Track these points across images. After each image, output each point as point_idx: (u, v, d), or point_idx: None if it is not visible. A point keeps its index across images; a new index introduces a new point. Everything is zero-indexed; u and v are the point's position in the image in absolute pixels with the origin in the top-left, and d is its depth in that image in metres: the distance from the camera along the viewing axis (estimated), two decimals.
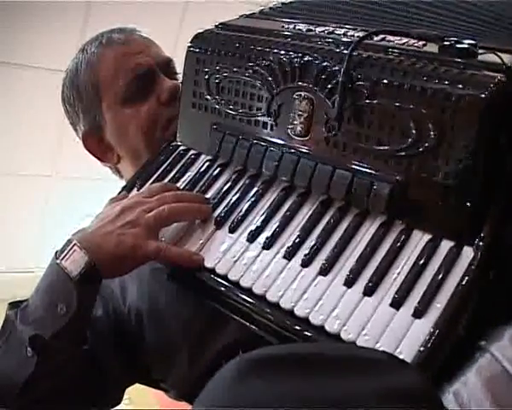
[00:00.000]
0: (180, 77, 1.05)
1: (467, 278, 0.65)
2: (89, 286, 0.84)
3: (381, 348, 0.63)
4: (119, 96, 1.09)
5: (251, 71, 0.86)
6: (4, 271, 3.62)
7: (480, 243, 0.66)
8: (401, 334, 0.63)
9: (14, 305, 0.90)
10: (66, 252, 0.83)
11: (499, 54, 0.70)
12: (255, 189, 0.86)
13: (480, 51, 0.72)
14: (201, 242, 0.84)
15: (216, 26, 0.96)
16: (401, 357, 0.61)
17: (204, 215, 0.87)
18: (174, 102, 1.05)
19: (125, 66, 1.08)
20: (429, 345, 0.61)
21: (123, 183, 1.06)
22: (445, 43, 0.73)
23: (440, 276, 0.66)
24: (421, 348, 0.61)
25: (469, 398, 0.59)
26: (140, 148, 1.09)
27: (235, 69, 0.88)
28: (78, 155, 1.18)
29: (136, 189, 0.97)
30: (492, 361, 0.60)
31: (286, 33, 0.88)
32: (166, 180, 0.96)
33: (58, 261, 0.83)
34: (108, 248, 0.83)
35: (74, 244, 0.83)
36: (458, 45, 0.72)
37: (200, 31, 0.95)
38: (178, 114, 1.00)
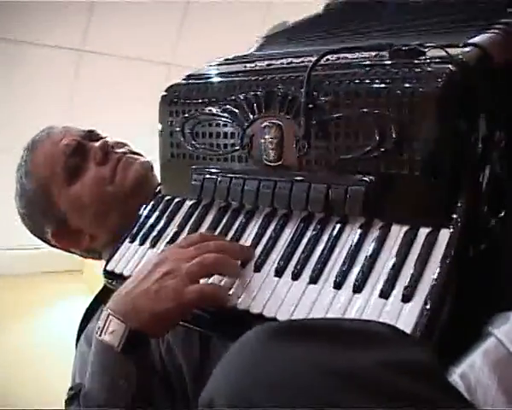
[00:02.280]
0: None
1: (447, 256, 0.67)
2: (138, 350, 0.81)
3: None
4: (62, 180, 1.15)
5: (220, 111, 0.90)
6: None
7: (454, 223, 0.69)
8: (394, 320, 0.65)
9: (69, 401, 0.88)
10: (104, 325, 0.81)
11: (445, 49, 0.75)
12: (238, 221, 0.88)
13: (427, 50, 0.76)
14: None
15: (183, 79, 1.01)
16: None
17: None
18: (109, 155, 1.15)
19: (55, 154, 1.16)
20: (423, 320, 0.64)
21: None
22: (395, 48, 0.78)
23: (422, 260, 0.68)
24: (416, 326, 0.64)
25: (476, 382, 0.60)
26: (100, 210, 1.14)
27: (205, 113, 0.92)
28: None
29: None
30: (498, 345, 0.61)
31: (248, 71, 0.92)
32: (156, 230, 0.98)
33: (100, 338, 0.82)
34: (146, 309, 0.79)
35: (109, 314, 0.81)
36: (406, 48, 0.76)
37: (170, 84, 1.00)
38: (118, 164, 1.12)
